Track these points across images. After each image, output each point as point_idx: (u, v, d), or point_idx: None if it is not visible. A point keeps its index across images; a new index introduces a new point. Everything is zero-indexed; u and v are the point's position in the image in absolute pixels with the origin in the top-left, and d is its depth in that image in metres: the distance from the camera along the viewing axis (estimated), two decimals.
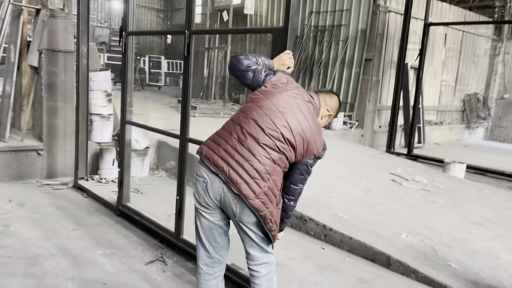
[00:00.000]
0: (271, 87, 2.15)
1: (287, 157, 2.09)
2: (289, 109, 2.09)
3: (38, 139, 5.50)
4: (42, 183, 5.18)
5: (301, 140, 2.09)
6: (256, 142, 2.05)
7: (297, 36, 11.64)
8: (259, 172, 2.02)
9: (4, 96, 5.53)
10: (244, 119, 2.11)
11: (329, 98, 2.35)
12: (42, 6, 5.26)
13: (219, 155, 2.07)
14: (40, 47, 5.27)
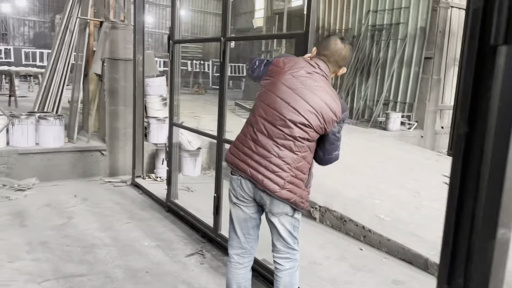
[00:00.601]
0: (270, 76, 2.22)
1: (307, 138, 2.15)
2: (292, 92, 2.13)
3: (102, 140, 6.02)
4: (104, 180, 5.67)
5: (314, 116, 2.12)
6: (268, 138, 2.15)
7: (354, 36, 11.48)
8: (278, 165, 2.13)
9: (73, 101, 6.12)
10: (253, 118, 2.22)
11: (333, 54, 2.21)
12: (105, 19, 5.76)
13: (240, 159, 2.22)
14: (103, 56, 5.77)
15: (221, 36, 3.40)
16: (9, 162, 5.19)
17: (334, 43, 2.20)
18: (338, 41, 2.21)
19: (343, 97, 11.47)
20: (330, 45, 2.20)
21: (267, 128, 2.15)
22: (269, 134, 2.15)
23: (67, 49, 6.09)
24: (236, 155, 2.25)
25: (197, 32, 30.75)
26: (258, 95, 2.25)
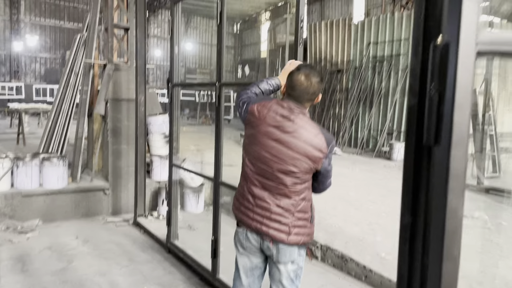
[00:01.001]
0: (249, 126, 2.22)
1: (299, 182, 2.15)
2: (273, 143, 2.12)
3: (105, 179, 6.09)
4: (107, 220, 5.69)
5: (300, 161, 2.11)
6: (263, 190, 2.18)
7: (356, 67, 11.63)
8: (279, 214, 2.14)
9: (77, 140, 6.23)
10: (245, 172, 2.25)
11: (301, 93, 2.14)
12: (108, 61, 5.93)
13: (242, 213, 2.26)
14: (107, 97, 5.91)
15: (216, 81, 3.48)
16: (13, 204, 5.26)
17: (299, 83, 2.13)
18: (302, 78, 2.13)
19: (347, 126, 11.53)
20: (295, 85, 2.14)
21: (259, 181, 2.18)
22: (263, 187, 2.17)
23: (71, 91, 6.25)
24: (238, 209, 2.29)
25: (204, 64, 31.38)
26: (244, 147, 2.27)
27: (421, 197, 0.77)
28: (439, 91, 0.72)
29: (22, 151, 8.44)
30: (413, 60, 0.79)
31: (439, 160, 0.72)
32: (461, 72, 0.69)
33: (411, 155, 0.78)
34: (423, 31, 0.75)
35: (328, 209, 5.37)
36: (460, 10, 0.69)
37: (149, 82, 28.20)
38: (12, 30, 23.24)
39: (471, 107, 0.72)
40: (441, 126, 0.71)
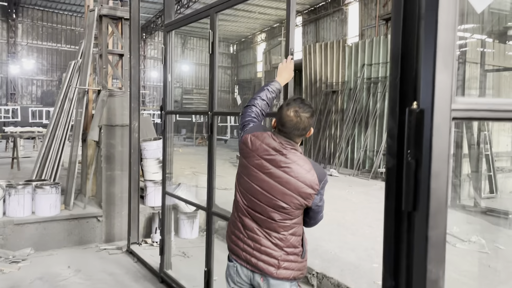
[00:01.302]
0: (241, 155, 2.24)
1: (289, 218, 2.12)
2: (264, 177, 2.10)
3: (99, 205, 6.02)
4: (100, 247, 5.61)
5: (290, 197, 2.07)
6: (253, 221, 2.16)
7: (351, 88, 11.71)
8: (268, 247, 2.11)
9: (70, 165, 6.19)
10: (236, 200, 2.25)
11: (291, 130, 2.09)
12: (102, 87, 5.95)
13: (233, 242, 2.24)
14: (100, 123, 5.90)
15: (208, 111, 3.48)
16: (4, 233, 5.18)
17: (289, 119, 2.07)
18: (291, 114, 2.07)
19: (343, 147, 11.54)
20: (285, 122, 2.08)
21: (249, 213, 2.17)
22: (253, 219, 2.16)
23: (66, 117, 6.24)
24: (230, 238, 2.28)
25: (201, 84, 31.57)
26: (237, 176, 2.26)
27: (402, 263, 0.74)
28: (416, 157, 0.70)
29: (16, 176, 8.39)
30: (390, 122, 0.78)
31: (418, 227, 0.71)
32: (436, 139, 0.68)
33: (391, 219, 0.76)
34: (399, 93, 0.74)
35: (323, 235, 5.32)
36: (433, 78, 0.69)
37: (145, 104, 28.34)
38: (9, 53, 23.39)
39: (448, 175, 0.71)
40: (418, 193, 0.70)
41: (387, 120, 0.81)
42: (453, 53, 0.68)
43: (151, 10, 24.00)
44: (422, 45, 0.69)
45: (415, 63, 0.71)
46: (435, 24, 0.67)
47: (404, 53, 0.73)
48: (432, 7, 0.67)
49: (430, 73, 0.69)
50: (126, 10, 5.93)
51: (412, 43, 0.72)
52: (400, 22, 0.73)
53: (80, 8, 23.48)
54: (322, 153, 12.39)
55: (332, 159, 11.90)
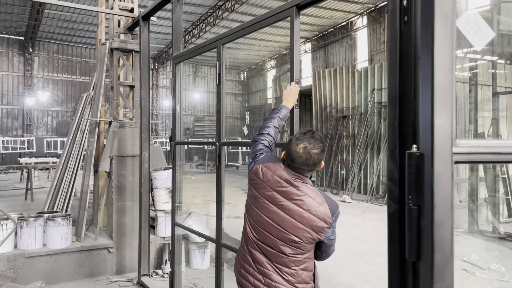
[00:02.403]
0: (252, 186, 2.16)
1: (301, 253, 2.05)
2: (276, 210, 2.03)
3: (109, 236, 5.99)
4: (110, 280, 5.55)
5: (302, 231, 2.01)
6: (263, 255, 2.09)
7: (361, 113, 11.68)
8: (279, 282, 2.04)
9: (82, 196, 6.20)
10: (246, 233, 2.18)
11: (301, 166, 2.04)
12: (113, 118, 6.02)
13: (242, 276, 2.18)
14: (111, 154, 5.94)
15: (216, 141, 3.48)
16: (15, 266, 5.16)
17: (298, 155, 2.01)
18: (300, 151, 2.01)
19: (356, 172, 11.42)
20: (294, 158, 2.02)
21: (259, 246, 2.10)
22: (263, 252, 2.09)
23: (78, 148, 6.31)
24: (239, 272, 2.22)
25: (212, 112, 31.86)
26: (246, 207, 2.20)
27: None
28: (417, 204, 0.67)
29: (30, 207, 8.45)
30: (390, 165, 0.75)
31: (423, 280, 0.66)
32: (438, 184, 0.64)
33: (396, 270, 0.72)
34: (399, 136, 0.71)
35: (337, 264, 5.19)
36: (432, 121, 0.66)
37: (158, 132, 28.63)
38: (26, 85, 24.01)
39: (453, 223, 0.66)
40: (422, 243, 0.66)
41: (387, 163, 0.77)
42: (452, 94, 0.66)
43: (163, 41, 24.55)
44: (419, 86, 0.67)
45: (413, 104, 0.68)
46: (431, 66, 0.65)
47: (402, 95, 0.70)
48: (428, 48, 0.65)
49: (428, 115, 0.66)
50: (136, 43, 6.05)
51: (410, 84, 0.69)
52: (397, 62, 0.71)
53: (94, 41, 24.13)
54: (335, 179, 12.26)
55: (345, 184, 11.76)
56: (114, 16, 6.18)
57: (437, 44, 0.64)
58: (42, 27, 22.15)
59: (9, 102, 23.88)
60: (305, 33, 22.85)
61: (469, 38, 0.69)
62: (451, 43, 0.65)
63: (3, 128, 23.56)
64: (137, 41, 6.01)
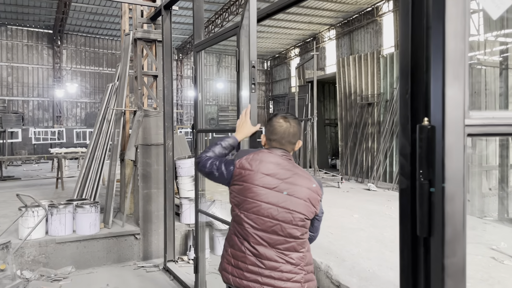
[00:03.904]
0: (240, 181, 2.08)
1: (306, 231, 2.08)
2: (274, 192, 2.02)
3: (136, 223, 6.14)
4: (137, 265, 5.69)
5: (303, 206, 2.02)
6: (270, 247, 2.01)
7: (387, 100, 11.46)
8: (290, 271, 2.00)
9: (109, 185, 6.36)
10: (242, 231, 2.06)
11: (283, 136, 2.12)
12: (138, 108, 6.11)
13: (247, 279, 2.03)
14: (136, 143, 6.04)
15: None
16: (47, 251, 5.36)
17: (279, 125, 2.12)
18: (281, 121, 2.13)
19: (381, 160, 11.26)
20: (275, 129, 2.12)
21: (264, 238, 2.01)
22: (269, 244, 2.01)
23: (104, 137, 6.45)
24: (239, 276, 2.05)
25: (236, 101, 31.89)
26: (237, 204, 2.09)
27: None
28: (428, 178, 0.65)
29: (60, 196, 8.72)
30: (402, 140, 0.73)
31: (434, 255, 0.65)
32: (450, 158, 0.62)
33: (407, 246, 0.70)
34: (411, 109, 0.69)
35: (361, 252, 5.15)
36: (443, 92, 0.63)
37: (183, 122, 28.93)
38: (55, 78, 24.65)
39: (465, 197, 0.65)
40: (433, 218, 0.64)
41: (399, 137, 0.75)
42: (465, 64, 0.63)
43: (187, 31, 24.65)
44: (431, 57, 0.64)
45: (425, 77, 0.66)
46: (443, 34, 0.62)
47: (414, 67, 0.68)
48: (439, 16, 0.62)
49: (440, 87, 0.63)
50: (159, 32, 6.10)
51: (422, 56, 0.67)
52: (408, 34, 0.68)
53: (119, 33, 24.46)
54: (360, 167, 12.13)
55: (370, 173, 11.61)
56: (137, 6, 6.24)
57: (448, 12, 0.62)
58: (69, 20, 22.61)
59: (39, 94, 24.58)
60: (329, 20, 22.49)
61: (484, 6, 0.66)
62: (464, 10, 0.62)
63: (35, 119, 24.32)
64: (159, 31, 6.06)
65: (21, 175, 13.52)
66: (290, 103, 15.66)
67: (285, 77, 31.72)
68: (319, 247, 5.27)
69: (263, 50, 30.37)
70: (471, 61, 9.27)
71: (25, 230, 5.25)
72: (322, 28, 24.09)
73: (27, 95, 24.22)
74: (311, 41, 25.94)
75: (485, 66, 9.71)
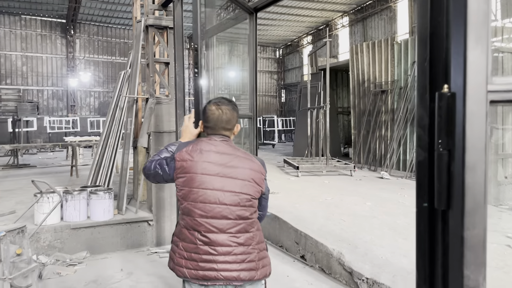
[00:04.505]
0: (183, 173, 2.10)
1: (255, 210, 2.14)
2: (217, 177, 2.06)
3: (149, 210, 6.19)
4: (151, 251, 5.75)
5: (249, 186, 2.08)
6: (221, 233, 2.04)
7: (401, 87, 11.30)
8: (243, 253, 2.05)
9: (122, 172, 6.42)
10: (192, 221, 2.07)
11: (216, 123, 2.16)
12: (150, 95, 6.13)
13: (202, 269, 2.03)
14: (149, 130, 6.07)
15: (251, 114, 3.46)
16: (62, 237, 5.45)
17: (211, 113, 2.16)
18: (213, 108, 2.16)
19: (394, 148, 11.14)
20: (208, 116, 2.17)
21: (214, 224, 2.03)
22: (220, 229, 2.03)
23: (117, 125, 6.49)
24: (195, 267, 2.04)
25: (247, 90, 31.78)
26: (183, 197, 2.10)
27: (437, 269, 0.66)
28: (448, 148, 0.62)
29: (75, 183, 8.84)
30: (420, 110, 0.70)
31: (453, 228, 0.62)
32: (471, 126, 0.59)
33: (424, 220, 0.68)
34: (429, 77, 0.66)
35: (374, 239, 5.12)
36: (465, 56, 0.60)
37: None
38: (69, 67, 24.86)
39: (486, 167, 0.62)
40: (452, 189, 0.62)
41: (416, 108, 0.72)
42: (487, 27, 0.60)
43: None
44: (451, 21, 0.61)
45: (445, 42, 0.63)
46: None
47: (433, 31, 0.65)
48: None
49: (461, 51, 0.60)
50: (170, 19, 6.08)
51: (441, 20, 0.64)
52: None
53: (131, 22, 24.53)
54: (373, 155, 12.03)
55: (383, 161, 11.52)
56: None
57: None
58: (82, 9, 22.70)
59: (54, 83, 24.84)
60: (343, 7, 22.18)
61: None
62: None
63: (49, 108, 24.62)
64: (171, 18, 6.03)
65: (36, 163, 13.74)
66: (302, 91, 15.56)
67: (297, 66, 31.51)
68: (331, 234, 5.26)
69: (275, 38, 30.16)
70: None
71: (41, 216, 5.34)
72: (335, 15, 23.79)
73: (41, 84, 24.50)
74: (323, 28, 25.66)
75: (503, 52, 9.50)
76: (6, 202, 7.04)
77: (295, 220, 5.84)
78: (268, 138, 25.64)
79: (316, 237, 5.19)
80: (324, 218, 6.00)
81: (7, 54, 23.55)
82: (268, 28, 26.82)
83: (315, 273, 4.96)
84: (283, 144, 24.82)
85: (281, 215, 6.05)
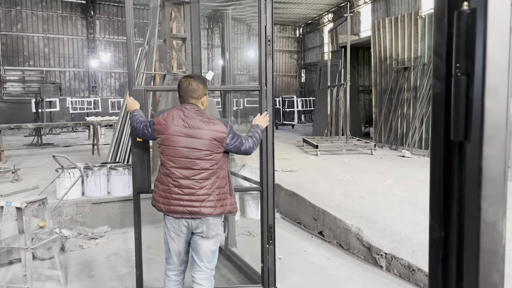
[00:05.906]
0: (160, 134, 2.72)
1: (215, 163, 2.71)
2: (184, 137, 2.66)
3: None
4: None
5: (209, 143, 2.67)
6: (187, 179, 2.67)
7: (424, 63, 10.98)
8: (204, 194, 2.67)
9: None
10: (167, 170, 2.71)
11: (184, 92, 2.78)
12: (167, 72, 6.11)
13: (173, 205, 2.70)
14: (166, 107, 6.07)
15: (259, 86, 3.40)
16: (83, 211, 5.56)
17: (181, 84, 2.80)
18: (182, 80, 2.81)
19: (417, 126, 10.90)
20: (179, 87, 2.82)
21: (182, 173, 2.67)
22: (186, 176, 2.67)
23: None
24: (167, 203, 2.71)
25: None
26: (161, 152, 2.75)
27: (453, 208, 0.61)
28: (467, 72, 0.57)
29: (96, 161, 8.99)
30: (436, 36, 0.64)
31: (470, 159, 0.57)
32: (492, 45, 0.53)
33: (440, 153, 0.63)
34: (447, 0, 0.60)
35: (393, 216, 5.05)
36: None
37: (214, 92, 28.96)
38: (89, 48, 25.08)
39: (508, 89, 0.56)
40: (470, 117, 0.56)
41: (433, 36, 0.66)
42: None
43: None
44: None
45: None
46: None
47: None
48: None
49: None
50: None
51: None
52: None
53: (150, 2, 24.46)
54: (394, 134, 11.81)
55: (405, 139, 11.30)
56: None
57: None
58: None
59: (75, 65, 25.15)
60: None
61: None
62: None
63: (71, 90, 25.00)
64: None
65: (59, 143, 14.04)
66: (322, 70, 15.31)
67: (318, 45, 30.98)
68: (350, 210, 5.21)
69: (295, 16, 29.65)
70: None
71: (62, 191, 5.45)
72: None
73: (63, 65, 24.84)
74: (345, 5, 25.05)
75: None
76: (30, 179, 7.22)
77: (313, 197, 5.81)
78: (287, 119, 25.45)
79: (334, 213, 5.15)
80: (342, 195, 5.95)
81: (30, 35, 23.89)
82: (288, 6, 26.36)
83: (333, 248, 4.94)
84: (303, 124, 24.64)
85: (299, 192, 6.02)
